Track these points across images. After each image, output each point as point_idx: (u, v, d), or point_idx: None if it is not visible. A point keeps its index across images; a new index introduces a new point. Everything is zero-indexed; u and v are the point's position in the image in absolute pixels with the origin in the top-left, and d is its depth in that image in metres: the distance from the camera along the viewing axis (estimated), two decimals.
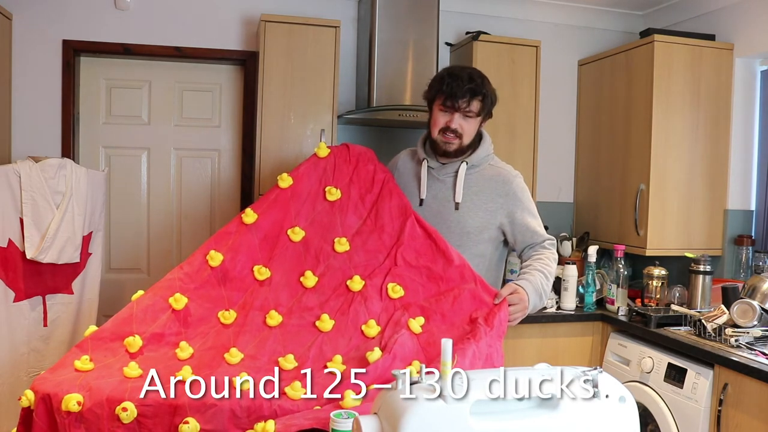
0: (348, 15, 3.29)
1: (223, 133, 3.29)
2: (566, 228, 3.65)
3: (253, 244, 1.85)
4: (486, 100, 2.05)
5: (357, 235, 1.90)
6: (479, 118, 2.07)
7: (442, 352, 1.00)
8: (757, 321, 2.47)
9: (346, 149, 2.08)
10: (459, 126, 2.02)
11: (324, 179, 1.99)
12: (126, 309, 1.71)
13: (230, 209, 3.29)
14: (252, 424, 1.37)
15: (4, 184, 2.47)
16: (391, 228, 1.91)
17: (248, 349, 1.63)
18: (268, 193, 1.99)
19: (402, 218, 1.92)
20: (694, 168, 3.12)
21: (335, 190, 1.96)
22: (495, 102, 2.11)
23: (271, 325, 1.71)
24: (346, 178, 2.00)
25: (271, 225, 1.89)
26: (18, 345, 2.54)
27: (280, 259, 1.84)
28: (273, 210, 1.91)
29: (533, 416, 1.05)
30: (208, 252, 1.81)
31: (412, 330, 1.68)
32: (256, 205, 1.95)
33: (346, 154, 2.06)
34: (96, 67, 3.13)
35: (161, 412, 1.39)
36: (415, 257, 1.85)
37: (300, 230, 1.89)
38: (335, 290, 1.80)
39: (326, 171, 2.00)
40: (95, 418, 1.39)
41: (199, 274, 1.79)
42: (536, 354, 2.96)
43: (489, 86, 2.08)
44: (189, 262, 1.81)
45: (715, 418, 2.38)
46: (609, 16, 3.62)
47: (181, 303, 1.71)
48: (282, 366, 1.56)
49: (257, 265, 1.82)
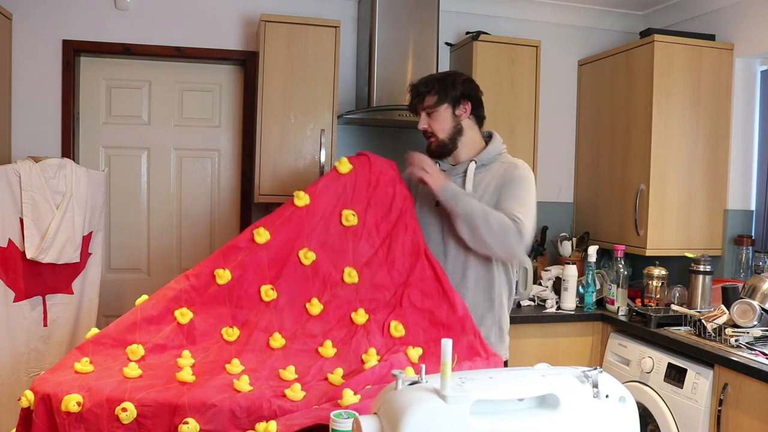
0: (348, 15, 3.29)
1: (223, 133, 3.29)
2: (566, 228, 3.65)
3: (262, 263, 1.82)
4: (442, 91, 2.08)
5: (366, 266, 1.88)
6: (442, 109, 2.09)
7: (442, 352, 1.00)
8: (757, 321, 2.47)
9: (368, 164, 2.00)
10: (427, 125, 2.11)
11: (342, 199, 1.92)
12: (130, 314, 1.70)
13: (230, 209, 3.30)
14: (252, 424, 1.37)
15: (4, 184, 2.47)
16: (401, 265, 1.89)
17: (250, 364, 1.64)
18: (282, 209, 1.91)
19: (414, 257, 1.89)
20: (694, 168, 3.12)
21: (352, 216, 1.90)
22: (459, 89, 2.10)
23: (273, 347, 1.72)
24: (364, 202, 1.94)
25: (283, 244, 1.84)
26: (18, 345, 2.54)
27: (288, 281, 1.82)
28: (286, 228, 1.86)
29: (533, 416, 1.05)
30: (216, 268, 1.78)
31: (410, 357, 1.70)
32: (269, 222, 1.88)
33: (367, 171, 1.98)
34: (96, 67, 3.13)
35: (161, 413, 1.40)
36: (420, 299, 1.84)
37: (311, 254, 1.84)
38: (339, 321, 1.80)
39: (345, 189, 1.93)
40: (95, 418, 1.39)
41: (206, 289, 1.77)
42: (536, 354, 2.96)
43: (445, 80, 2.11)
44: (196, 275, 1.78)
45: (715, 418, 2.38)
46: (609, 16, 3.62)
47: (186, 317, 1.71)
48: (282, 377, 1.58)
49: (265, 286, 1.80)
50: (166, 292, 1.76)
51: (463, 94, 2.11)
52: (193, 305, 1.74)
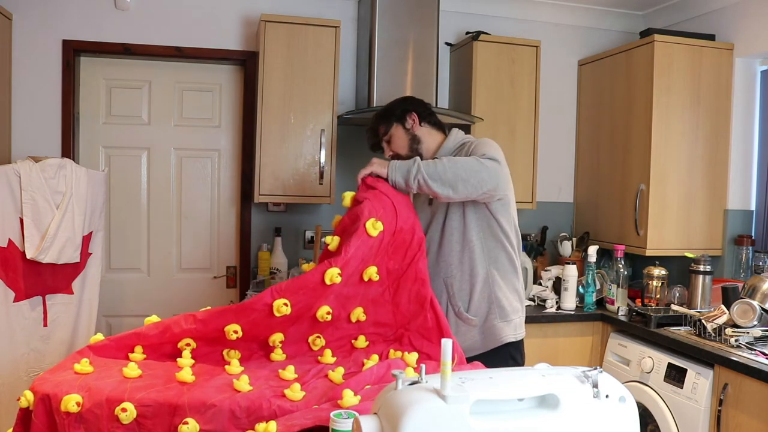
0: (348, 15, 3.29)
1: (223, 133, 3.29)
2: (566, 228, 3.65)
3: (274, 326, 1.76)
4: (385, 118, 2.27)
5: (372, 303, 1.87)
6: (393, 129, 2.25)
7: (442, 352, 1.00)
8: (757, 321, 2.47)
9: (394, 216, 1.90)
10: (390, 152, 2.27)
11: (366, 260, 1.84)
12: (132, 335, 1.68)
13: (230, 209, 3.30)
14: (252, 424, 1.37)
15: (4, 184, 2.47)
16: (406, 309, 1.88)
17: (250, 368, 1.63)
18: (307, 279, 1.75)
19: (418, 306, 1.88)
20: (694, 168, 3.12)
21: (375, 275, 1.84)
22: (396, 109, 2.27)
23: (274, 360, 1.74)
24: (386, 258, 1.89)
25: (299, 311, 1.75)
26: (18, 345, 2.54)
27: (295, 334, 1.79)
28: (305, 298, 1.74)
29: (533, 416, 1.05)
30: (227, 324, 1.70)
31: (408, 362, 1.72)
32: (290, 292, 1.71)
33: (393, 224, 1.89)
34: (96, 67, 3.13)
35: (161, 413, 1.39)
36: (419, 341, 1.86)
37: (327, 314, 1.76)
38: (341, 346, 1.83)
39: (371, 251, 1.84)
40: (95, 418, 1.39)
41: (213, 334, 1.72)
42: (536, 354, 2.95)
43: (382, 114, 2.29)
44: (204, 322, 1.69)
45: (715, 418, 2.38)
46: (609, 16, 3.62)
47: (191, 345, 1.70)
48: (282, 377, 1.58)
49: (273, 337, 1.76)
50: (173, 328, 1.69)
51: (404, 109, 2.26)
52: (197, 339, 1.71)
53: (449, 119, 3.07)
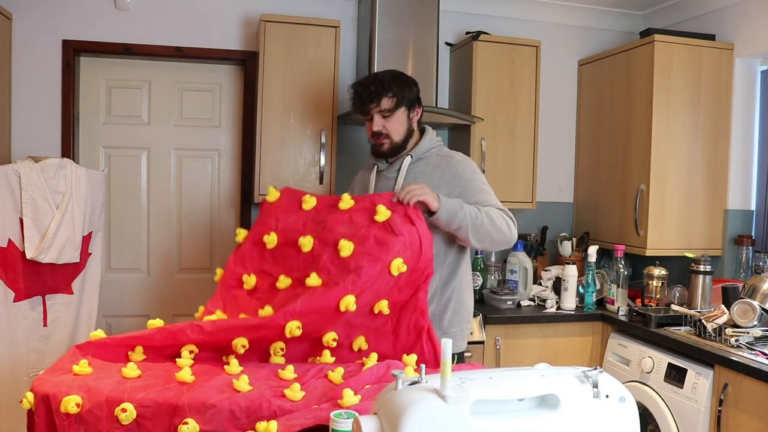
0: (348, 15, 3.29)
1: (223, 133, 3.29)
2: (566, 228, 3.65)
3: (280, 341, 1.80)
4: (399, 95, 2.10)
5: (374, 334, 1.87)
6: (400, 112, 2.13)
7: (442, 352, 1.00)
8: (757, 321, 2.47)
9: (417, 259, 1.87)
10: (382, 127, 2.12)
11: (380, 294, 1.83)
12: (134, 337, 1.68)
13: (230, 209, 3.30)
14: (252, 424, 1.37)
15: (4, 184, 2.47)
16: (405, 340, 1.88)
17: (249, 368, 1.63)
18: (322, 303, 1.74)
19: (416, 336, 1.88)
20: (694, 168, 3.12)
21: (386, 308, 1.84)
22: (414, 91, 2.15)
23: (273, 360, 1.75)
24: (395, 291, 1.88)
25: (307, 334, 1.74)
26: (18, 345, 2.54)
27: (296, 349, 1.80)
28: (317, 321, 1.76)
29: (533, 416, 1.05)
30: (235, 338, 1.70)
31: (407, 362, 1.71)
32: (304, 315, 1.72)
33: (413, 266, 1.87)
34: (96, 67, 3.13)
35: (160, 413, 1.39)
36: None
37: (333, 340, 1.78)
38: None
39: (386, 286, 1.84)
40: (94, 419, 1.39)
41: (220, 344, 1.73)
42: (536, 354, 2.96)
43: (399, 81, 2.13)
44: (212, 334, 1.68)
45: (715, 418, 2.38)
46: (609, 16, 3.62)
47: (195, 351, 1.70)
48: (282, 376, 1.58)
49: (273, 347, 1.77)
50: (179, 336, 1.68)
51: (417, 98, 2.17)
52: (203, 350, 1.71)
53: (449, 119, 3.07)
